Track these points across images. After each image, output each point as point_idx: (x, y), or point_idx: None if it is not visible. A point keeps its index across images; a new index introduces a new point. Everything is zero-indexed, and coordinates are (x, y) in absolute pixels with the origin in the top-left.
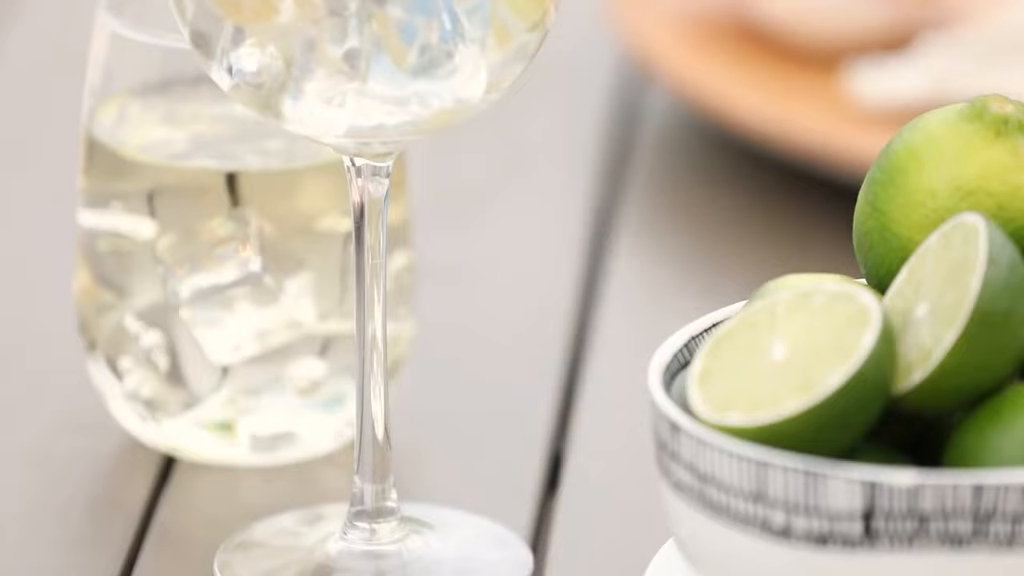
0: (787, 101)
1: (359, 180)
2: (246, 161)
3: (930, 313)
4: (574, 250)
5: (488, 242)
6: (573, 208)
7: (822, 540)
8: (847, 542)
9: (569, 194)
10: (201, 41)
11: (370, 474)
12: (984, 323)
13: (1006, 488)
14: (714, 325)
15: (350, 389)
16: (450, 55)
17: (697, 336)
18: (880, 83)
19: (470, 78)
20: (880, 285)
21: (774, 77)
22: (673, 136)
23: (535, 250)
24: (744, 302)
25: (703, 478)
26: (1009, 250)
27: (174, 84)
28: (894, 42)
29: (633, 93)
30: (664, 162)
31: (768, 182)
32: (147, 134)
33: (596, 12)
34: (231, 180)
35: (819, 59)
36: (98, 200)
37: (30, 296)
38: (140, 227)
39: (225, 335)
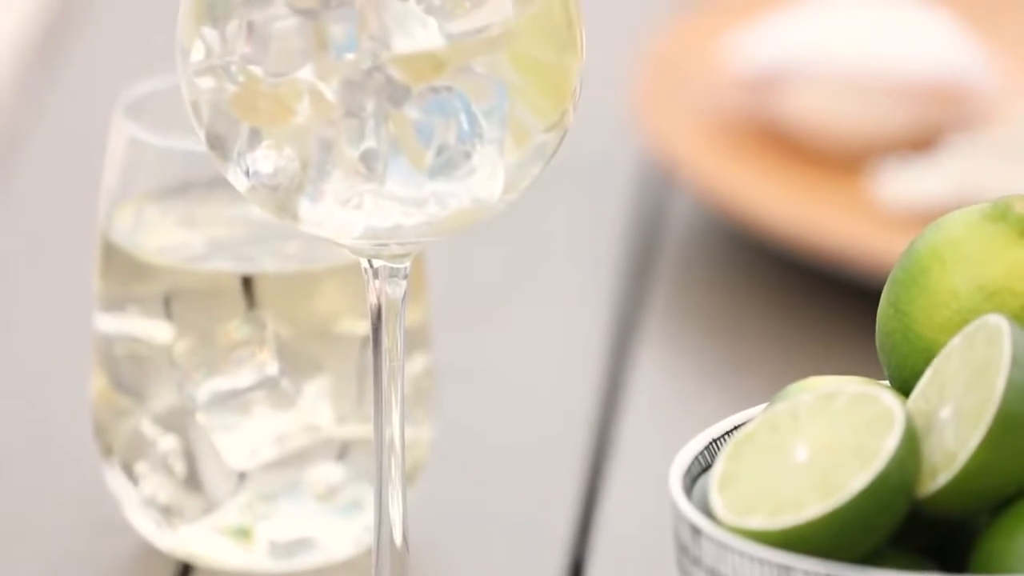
0: (811, 203)
1: (376, 282)
2: (263, 264)
3: (954, 415)
4: (596, 352)
5: (508, 344)
6: (596, 309)
7: None
8: None
9: (592, 295)
10: (217, 143)
11: None
12: (1009, 425)
13: None
14: (735, 428)
15: (369, 494)
16: (468, 155)
17: (718, 439)
18: (905, 184)
19: (488, 179)
20: (903, 387)
21: (798, 179)
22: (696, 237)
23: (557, 352)
24: (765, 404)
25: None
26: None
27: (191, 187)
28: (918, 143)
29: (656, 194)
30: (687, 263)
31: (791, 283)
32: (164, 237)
33: (620, 113)
34: (247, 283)
35: (843, 161)
36: (114, 303)
37: (46, 400)
38: (156, 331)
39: (242, 439)
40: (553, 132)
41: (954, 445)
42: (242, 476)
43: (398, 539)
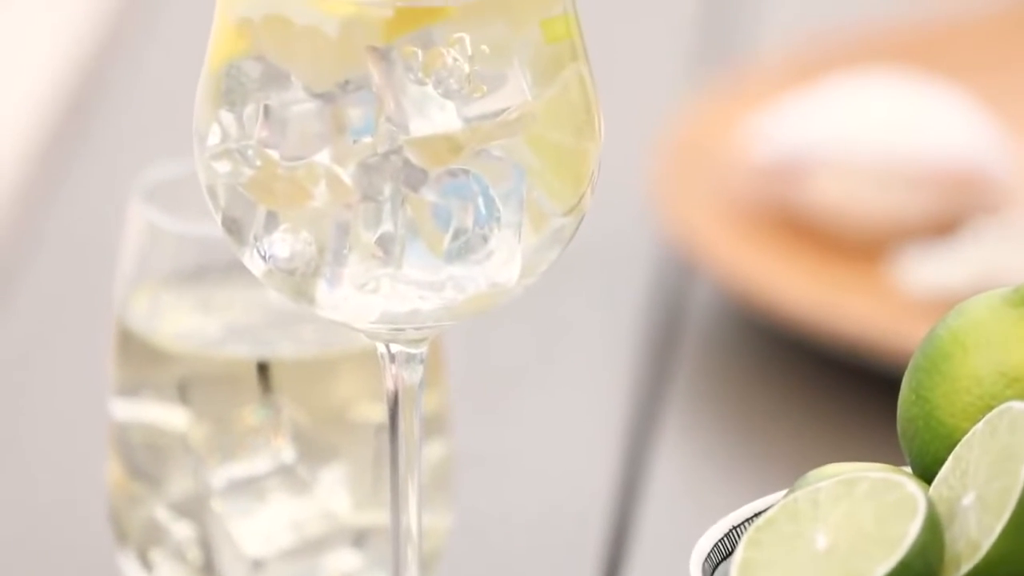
0: (831, 289)
1: (393, 367)
2: (279, 349)
3: (977, 502)
4: (615, 437)
5: (527, 429)
6: (615, 394)
7: None
8: None
9: (611, 380)
10: (234, 227)
11: None
12: None
13: None
14: (756, 514)
15: None
16: (485, 239)
17: (739, 525)
18: (926, 270)
19: (505, 262)
20: (925, 474)
21: (818, 265)
22: (716, 323)
23: (576, 438)
24: (786, 491)
25: None
26: None
27: (207, 272)
28: (939, 229)
29: (675, 279)
30: (707, 349)
31: (811, 370)
32: (180, 322)
33: (638, 198)
34: (263, 368)
35: (864, 247)
36: (130, 389)
37: (61, 487)
38: (172, 416)
39: (258, 526)
40: (571, 216)
41: (977, 533)
42: (258, 563)
43: None
